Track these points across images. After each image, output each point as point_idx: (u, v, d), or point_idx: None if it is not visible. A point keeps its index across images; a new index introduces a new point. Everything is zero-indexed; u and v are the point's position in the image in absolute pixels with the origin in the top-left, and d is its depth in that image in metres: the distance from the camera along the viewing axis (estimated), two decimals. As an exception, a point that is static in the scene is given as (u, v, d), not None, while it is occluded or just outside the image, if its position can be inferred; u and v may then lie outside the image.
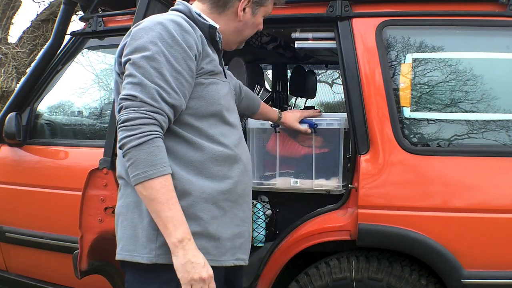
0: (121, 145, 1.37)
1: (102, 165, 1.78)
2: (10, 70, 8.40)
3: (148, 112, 1.37)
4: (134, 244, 1.45)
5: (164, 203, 1.36)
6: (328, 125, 2.33)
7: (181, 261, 1.36)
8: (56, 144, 2.69)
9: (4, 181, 2.72)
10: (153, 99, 1.38)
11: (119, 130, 1.38)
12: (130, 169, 1.37)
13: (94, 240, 1.75)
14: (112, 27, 2.62)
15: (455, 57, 2.10)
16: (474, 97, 2.08)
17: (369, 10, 2.19)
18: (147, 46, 1.42)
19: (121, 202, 1.53)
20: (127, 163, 1.37)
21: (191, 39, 1.46)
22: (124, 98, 1.39)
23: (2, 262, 2.80)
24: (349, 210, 2.13)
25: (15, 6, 9.01)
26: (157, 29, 1.43)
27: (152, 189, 1.36)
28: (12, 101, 2.72)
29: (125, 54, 1.45)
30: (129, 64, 1.42)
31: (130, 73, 1.41)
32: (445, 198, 2.01)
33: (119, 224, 1.51)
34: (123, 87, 1.42)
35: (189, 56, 1.45)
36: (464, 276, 1.94)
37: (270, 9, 1.71)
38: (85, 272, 1.77)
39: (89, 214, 1.76)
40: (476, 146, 2.06)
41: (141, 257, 1.44)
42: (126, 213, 1.50)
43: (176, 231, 1.36)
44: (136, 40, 1.44)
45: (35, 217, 2.62)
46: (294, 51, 3.46)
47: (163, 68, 1.40)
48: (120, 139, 1.38)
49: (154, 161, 1.36)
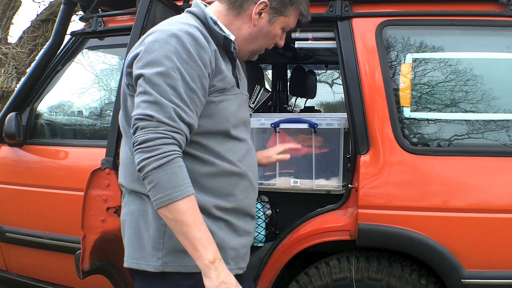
0: (141, 167, 1.31)
1: (104, 165, 1.78)
2: (10, 70, 8.40)
3: (167, 132, 1.32)
4: (141, 252, 1.44)
5: (192, 225, 1.31)
6: (328, 125, 2.33)
7: (215, 282, 1.32)
8: (56, 144, 2.69)
9: (4, 181, 2.72)
10: (170, 118, 1.33)
11: (137, 152, 1.32)
12: (152, 192, 1.31)
13: (97, 240, 1.75)
14: (112, 27, 2.62)
15: (455, 57, 2.10)
16: (474, 97, 2.08)
17: (369, 10, 2.19)
18: (162, 61, 1.35)
19: (125, 209, 1.51)
20: (148, 186, 1.31)
21: (206, 56, 1.40)
22: (140, 118, 1.33)
23: (2, 262, 2.79)
24: (349, 210, 2.13)
25: (15, 6, 9.01)
26: (172, 43, 1.37)
27: (178, 212, 1.31)
28: (12, 101, 2.72)
29: (137, 67, 1.38)
30: (142, 80, 1.36)
31: (145, 91, 1.34)
32: (445, 198, 2.01)
33: (125, 231, 1.50)
34: (137, 105, 1.35)
35: (204, 74, 1.40)
36: (464, 276, 1.94)
37: (291, 22, 1.59)
38: (87, 272, 1.77)
39: (91, 214, 1.75)
40: (476, 146, 2.06)
41: (147, 265, 1.42)
42: (131, 220, 1.48)
43: (207, 252, 1.32)
44: (150, 53, 1.37)
45: (35, 217, 2.62)
46: (294, 51, 3.46)
47: (178, 86, 1.35)
48: (139, 161, 1.31)
49: (177, 182, 1.31)
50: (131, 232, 1.47)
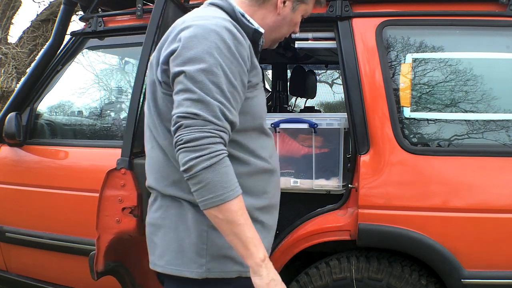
0: (188, 167, 1.26)
1: (120, 165, 1.77)
2: (10, 70, 8.40)
3: (213, 131, 1.27)
4: (181, 258, 1.41)
5: (243, 225, 1.29)
6: (328, 125, 2.33)
7: (266, 280, 1.32)
8: (56, 144, 2.68)
9: (4, 181, 2.71)
10: (216, 117, 1.28)
11: (182, 151, 1.27)
12: (201, 192, 1.27)
13: (111, 241, 1.74)
14: (112, 27, 2.62)
15: (455, 57, 2.10)
16: (474, 97, 2.08)
17: (369, 10, 2.19)
18: (204, 57, 1.30)
19: (159, 213, 1.46)
20: (196, 186, 1.27)
21: (244, 52, 1.37)
22: (184, 116, 1.28)
23: (2, 262, 2.79)
24: (349, 210, 2.13)
25: (15, 6, 9.01)
26: (212, 38, 1.32)
27: (230, 212, 1.28)
28: (12, 101, 2.72)
29: (176, 64, 1.33)
30: (183, 77, 1.31)
31: (187, 88, 1.30)
32: (445, 198, 2.01)
33: (161, 237, 1.45)
34: (178, 103, 1.31)
35: (243, 71, 1.37)
36: (464, 276, 1.94)
37: (310, 8, 1.60)
38: (101, 273, 1.76)
39: (106, 215, 1.74)
40: (476, 146, 2.06)
41: (190, 272, 1.40)
42: (169, 226, 1.44)
43: (258, 251, 1.31)
44: (190, 49, 1.32)
45: (35, 217, 2.62)
46: (294, 51, 3.46)
47: (222, 83, 1.30)
48: (186, 161, 1.26)
49: (228, 182, 1.28)
50: (170, 238, 1.43)
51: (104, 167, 2.39)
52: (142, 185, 1.78)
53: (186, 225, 1.41)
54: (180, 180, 1.38)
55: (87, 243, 2.39)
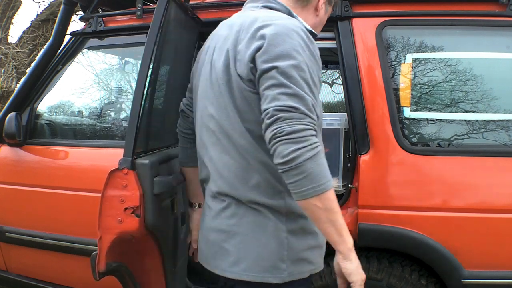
0: (291, 158, 1.27)
1: (122, 165, 1.76)
2: (10, 70, 8.40)
3: (310, 124, 1.30)
4: (261, 265, 1.43)
5: (338, 212, 1.34)
6: (328, 125, 2.33)
7: (355, 264, 1.38)
8: (56, 144, 2.68)
9: (4, 181, 2.71)
10: (310, 111, 1.31)
11: (282, 142, 1.28)
12: (302, 182, 1.29)
13: (113, 241, 1.74)
14: (112, 27, 2.62)
15: (455, 57, 2.10)
16: (474, 97, 2.08)
17: (369, 10, 2.19)
18: (292, 54, 1.34)
19: (233, 221, 1.46)
20: (297, 176, 1.29)
21: (317, 52, 1.43)
22: (282, 110, 1.30)
23: (2, 262, 2.79)
24: (349, 210, 2.13)
25: (15, 6, 9.01)
26: (294, 37, 1.36)
27: (329, 200, 1.32)
28: (12, 101, 2.72)
29: (264, 60, 1.35)
30: (275, 72, 1.33)
31: (281, 83, 1.32)
32: (445, 198, 2.01)
33: (235, 244, 1.45)
34: (273, 97, 1.32)
35: (319, 70, 1.42)
36: (464, 276, 1.94)
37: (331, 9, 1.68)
38: (103, 273, 1.77)
39: (108, 215, 1.74)
40: (476, 146, 2.06)
41: (273, 277, 1.43)
42: (245, 233, 1.44)
43: (349, 237, 1.36)
44: (276, 46, 1.35)
45: (35, 217, 2.62)
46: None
47: (309, 79, 1.34)
48: (288, 152, 1.27)
49: (326, 172, 1.32)
50: (248, 245, 1.44)
51: (104, 167, 2.39)
52: (144, 185, 1.77)
53: (265, 232, 1.43)
54: (259, 183, 1.42)
55: (87, 243, 2.40)
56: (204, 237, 1.55)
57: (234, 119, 1.43)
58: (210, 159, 1.51)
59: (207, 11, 2.47)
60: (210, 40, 1.62)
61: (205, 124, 1.51)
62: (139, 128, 1.78)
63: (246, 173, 1.43)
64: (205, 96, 1.52)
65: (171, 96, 2.19)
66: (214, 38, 1.60)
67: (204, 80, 1.54)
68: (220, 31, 1.58)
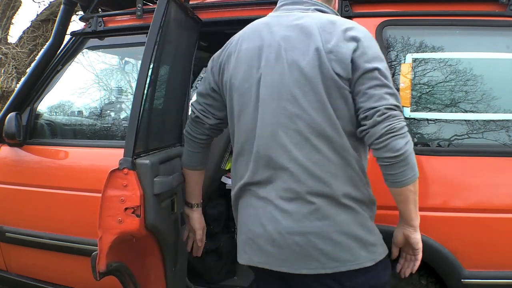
0: (404, 151, 1.44)
1: (122, 165, 1.76)
2: (10, 70, 8.40)
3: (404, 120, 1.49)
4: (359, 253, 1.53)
5: (418, 193, 1.55)
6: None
7: (419, 235, 1.65)
8: (56, 144, 2.68)
9: (4, 181, 2.72)
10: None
11: (396, 138, 1.43)
12: (406, 171, 1.47)
13: (113, 241, 1.74)
14: (112, 27, 2.62)
15: (455, 57, 2.10)
16: (474, 97, 2.07)
17: (369, 10, 2.19)
18: (381, 56, 1.51)
19: (327, 222, 1.50)
20: (403, 167, 1.46)
21: None
22: (391, 108, 1.45)
23: (2, 262, 2.79)
24: (349, 210, 2.12)
25: (15, 6, 9.01)
26: (374, 40, 1.56)
27: (417, 184, 1.52)
28: (12, 101, 2.72)
29: (366, 61, 1.46)
30: (378, 73, 1.45)
31: (384, 83, 1.46)
32: (445, 198, 2.00)
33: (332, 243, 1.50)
34: (381, 96, 1.45)
35: None
36: (465, 276, 1.94)
37: None
38: (103, 273, 1.77)
39: (108, 215, 1.74)
40: (476, 146, 2.06)
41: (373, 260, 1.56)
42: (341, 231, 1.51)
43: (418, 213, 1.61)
44: (371, 48, 1.49)
45: (35, 217, 2.62)
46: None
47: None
48: (402, 146, 1.43)
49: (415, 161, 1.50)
50: (346, 241, 1.51)
51: (104, 167, 2.39)
52: (145, 185, 1.77)
53: (361, 225, 1.54)
54: (352, 178, 1.53)
55: (87, 243, 2.40)
56: (279, 241, 1.51)
57: (331, 118, 1.48)
58: (293, 159, 1.50)
59: (207, 11, 2.47)
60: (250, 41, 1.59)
61: (284, 124, 1.50)
62: (139, 128, 1.78)
63: (341, 170, 1.50)
64: (279, 97, 1.50)
65: (170, 96, 2.19)
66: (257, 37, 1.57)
67: (273, 80, 1.51)
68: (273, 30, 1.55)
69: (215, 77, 1.71)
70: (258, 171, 1.55)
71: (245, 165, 1.59)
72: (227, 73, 1.63)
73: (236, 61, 1.60)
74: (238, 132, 1.62)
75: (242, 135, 1.60)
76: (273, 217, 1.52)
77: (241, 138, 1.60)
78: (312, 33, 1.49)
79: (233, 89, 1.61)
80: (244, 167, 1.60)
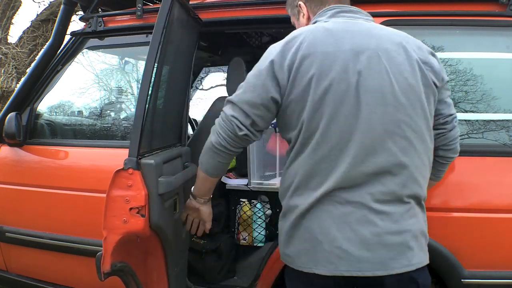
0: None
1: (127, 165, 1.76)
2: (10, 70, 8.40)
3: None
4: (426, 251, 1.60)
5: None
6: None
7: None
8: (56, 144, 2.69)
9: (4, 181, 2.72)
10: None
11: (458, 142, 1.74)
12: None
13: (118, 242, 1.74)
14: (112, 27, 2.62)
15: (455, 57, 2.10)
16: (474, 97, 2.08)
17: (369, 10, 2.18)
18: None
19: (414, 220, 1.56)
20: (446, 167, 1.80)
21: None
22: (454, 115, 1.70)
23: (2, 262, 2.79)
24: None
25: (15, 6, 9.01)
26: None
27: None
28: (12, 101, 2.72)
29: (444, 72, 1.64)
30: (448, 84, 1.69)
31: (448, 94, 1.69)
32: (445, 198, 2.01)
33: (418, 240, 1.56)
34: (451, 105, 1.69)
35: None
36: (465, 276, 1.94)
37: None
38: (108, 273, 1.76)
39: (113, 215, 1.74)
40: (476, 146, 2.06)
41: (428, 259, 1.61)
42: (422, 228, 1.58)
43: None
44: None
45: (35, 217, 2.62)
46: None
47: None
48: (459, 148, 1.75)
49: None
50: (423, 238, 1.59)
51: (104, 167, 2.40)
52: (149, 185, 1.77)
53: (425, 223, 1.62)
54: (427, 179, 1.62)
55: (87, 243, 2.40)
56: (375, 243, 1.49)
57: (428, 123, 1.58)
58: (398, 164, 1.51)
59: (207, 11, 2.47)
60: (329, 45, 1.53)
61: (390, 130, 1.50)
62: (144, 128, 1.78)
63: (428, 173, 1.61)
64: (385, 103, 1.50)
65: (171, 96, 2.19)
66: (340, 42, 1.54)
67: (375, 86, 1.50)
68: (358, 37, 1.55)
69: (282, 82, 1.54)
70: (352, 175, 1.50)
71: (330, 170, 1.51)
72: (306, 75, 1.52)
73: (325, 62, 1.52)
74: (326, 135, 1.51)
75: (332, 138, 1.51)
76: (368, 220, 1.49)
77: (331, 142, 1.51)
78: (403, 45, 1.56)
79: (323, 91, 1.51)
80: (328, 172, 1.51)
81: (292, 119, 1.55)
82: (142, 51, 3.00)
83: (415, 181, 1.54)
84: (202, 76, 4.91)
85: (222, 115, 1.62)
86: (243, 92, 1.58)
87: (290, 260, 1.60)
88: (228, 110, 1.60)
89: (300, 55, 1.52)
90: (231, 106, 1.60)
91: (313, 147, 1.52)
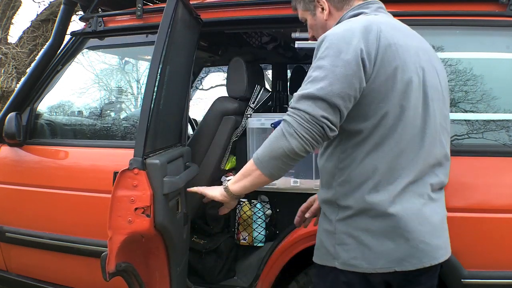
0: None
1: (132, 165, 1.76)
2: (10, 70, 8.39)
3: None
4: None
5: None
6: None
7: None
8: (56, 144, 2.68)
9: (4, 181, 2.72)
10: None
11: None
12: None
13: (123, 242, 1.74)
14: (112, 27, 2.62)
15: (455, 57, 2.10)
16: (474, 97, 2.07)
17: (369, 10, 2.18)
18: None
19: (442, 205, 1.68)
20: None
21: None
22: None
23: (2, 262, 2.79)
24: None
25: (15, 6, 9.00)
26: None
27: None
28: (12, 101, 2.72)
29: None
30: None
31: None
32: (445, 198, 2.00)
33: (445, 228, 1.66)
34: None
35: None
36: (465, 276, 1.94)
37: None
38: (113, 273, 1.76)
39: (118, 215, 1.73)
40: (476, 146, 2.06)
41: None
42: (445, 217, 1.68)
43: None
44: None
45: (35, 217, 2.62)
46: (294, 51, 3.46)
47: None
48: None
49: None
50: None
51: (104, 167, 2.40)
52: (154, 185, 1.77)
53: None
54: None
55: (87, 243, 2.40)
56: (440, 230, 1.62)
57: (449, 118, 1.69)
58: (445, 156, 1.65)
59: (207, 11, 2.47)
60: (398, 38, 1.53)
61: (442, 125, 1.63)
62: (149, 128, 1.78)
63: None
64: (439, 98, 1.62)
65: (173, 96, 2.19)
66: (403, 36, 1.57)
67: (432, 81, 1.59)
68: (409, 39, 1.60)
69: (368, 70, 1.45)
70: (423, 168, 1.55)
71: (407, 164, 1.50)
72: (390, 65, 1.47)
73: (403, 54, 1.50)
74: (406, 128, 1.49)
75: (410, 132, 1.50)
76: (432, 209, 1.58)
77: (409, 135, 1.49)
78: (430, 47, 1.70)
79: (406, 83, 1.49)
80: (405, 166, 1.50)
81: (369, 109, 1.46)
82: (142, 51, 3.00)
83: (448, 172, 1.69)
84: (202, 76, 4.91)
85: (302, 116, 1.42)
86: (329, 84, 1.41)
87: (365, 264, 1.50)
88: (312, 109, 1.41)
89: (383, 44, 1.47)
90: (314, 102, 1.41)
91: (396, 140, 1.47)
